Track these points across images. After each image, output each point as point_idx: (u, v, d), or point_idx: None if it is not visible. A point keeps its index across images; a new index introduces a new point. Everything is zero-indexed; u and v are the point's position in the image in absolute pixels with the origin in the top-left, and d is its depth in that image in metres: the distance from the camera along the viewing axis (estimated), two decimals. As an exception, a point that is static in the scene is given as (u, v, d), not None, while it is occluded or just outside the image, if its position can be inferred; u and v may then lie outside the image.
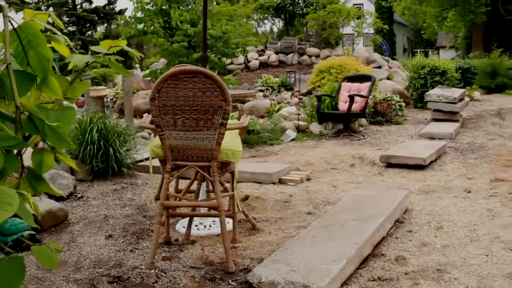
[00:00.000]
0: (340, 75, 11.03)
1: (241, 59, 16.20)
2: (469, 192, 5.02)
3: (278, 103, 11.49)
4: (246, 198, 5.01)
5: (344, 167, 6.31)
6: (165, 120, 3.24)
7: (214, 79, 3.10)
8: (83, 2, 40.92)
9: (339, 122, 8.30)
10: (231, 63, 16.17)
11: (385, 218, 3.76)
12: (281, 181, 5.73)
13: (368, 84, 8.10)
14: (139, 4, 9.67)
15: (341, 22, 15.40)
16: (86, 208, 4.70)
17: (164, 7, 9.60)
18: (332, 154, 6.80)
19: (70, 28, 40.12)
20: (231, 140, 3.43)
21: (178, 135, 3.28)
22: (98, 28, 38.69)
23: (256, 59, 16.33)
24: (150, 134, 8.69)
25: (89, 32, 39.44)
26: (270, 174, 5.70)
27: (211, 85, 3.12)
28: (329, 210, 4.16)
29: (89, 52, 1.62)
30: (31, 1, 41.26)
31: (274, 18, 19.40)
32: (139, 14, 9.46)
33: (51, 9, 40.37)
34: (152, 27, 9.34)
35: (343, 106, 8.09)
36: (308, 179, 5.84)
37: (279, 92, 13.01)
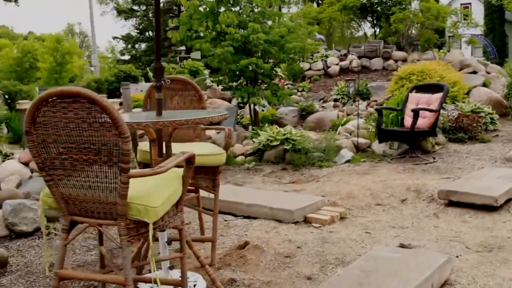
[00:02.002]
0: (422, 82, 9.52)
1: (320, 64, 15.01)
2: (551, 253, 3.57)
3: (348, 114, 10.18)
4: (244, 245, 3.93)
5: (393, 203, 5.00)
6: (49, 161, 2.28)
7: (100, 105, 2.09)
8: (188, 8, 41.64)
9: (402, 141, 6.89)
10: (310, 68, 15.03)
11: (393, 307, 2.53)
12: (306, 220, 4.58)
13: (439, 95, 6.62)
14: (190, 6, 8.87)
15: (430, 22, 13.60)
16: (41, 251, 3.87)
17: (215, 10, 8.73)
18: (382, 184, 5.49)
19: (175, 35, 40.98)
20: (151, 190, 2.39)
21: (70, 182, 2.30)
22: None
23: (337, 64, 15.03)
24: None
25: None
26: (291, 211, 4.56)
27: (98, 114, 2.11)
28: (322, 285, 2.98)
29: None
30: (139, 9, 42.92)
31: (360, 20, 17.92)
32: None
33: (157, 16, 41.60)
34: (201, 32, 8.50)
35: (408, 121, 6.69)
36: (342, 218, 4.64)
37: (354, 101, 11.67)
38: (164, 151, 3.15)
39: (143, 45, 41.98)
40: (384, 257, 3.21)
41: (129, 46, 42.97)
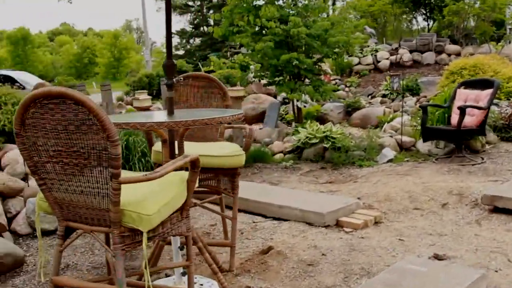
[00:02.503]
0: (475, 77, 9.02)
1: (369, 58, 14.58)
2: None
3: (395, 111, 9.79)
4: (267, 250, 3.75)
5: (432, 208, 4.68)
6: (41, 165, 2.18)
7: (87, 106, 1.95)
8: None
9: (448, 140, 6.50)
10: (359, 63, 14.63)
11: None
12: (338, 224, 4.36)
13: (489, 91, 6.19)
14: (232, 0, 8.73)
15: (486, 14, 12.90)
16: (62, 251, 3.82)
17: (256, 4, 8.56)
18: (423, 186, 5.17)
19: (229, 30, 41.15)
20: (146, 196, 2.25)
21: (62, 186, 2.19)
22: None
23: (387, 58, 14.55)
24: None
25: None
26: (322, 214, 4.35)
27: (85, 116, 1.98)
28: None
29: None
30: (193, 5, 43.38)
31: (413, 13, 17.26)
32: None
33: (211, 11, 41.92)
34: (240, 26, 8.34)
35: (455, 119, 6.29)
36: (376, 222, 4.38)
37: (402, 97, 11.23)
38: (176, 152, 3.02)
39: (198, 40, 42.43)
40: (411, 270, 2.95)
41: (184, 41, 43.51)
